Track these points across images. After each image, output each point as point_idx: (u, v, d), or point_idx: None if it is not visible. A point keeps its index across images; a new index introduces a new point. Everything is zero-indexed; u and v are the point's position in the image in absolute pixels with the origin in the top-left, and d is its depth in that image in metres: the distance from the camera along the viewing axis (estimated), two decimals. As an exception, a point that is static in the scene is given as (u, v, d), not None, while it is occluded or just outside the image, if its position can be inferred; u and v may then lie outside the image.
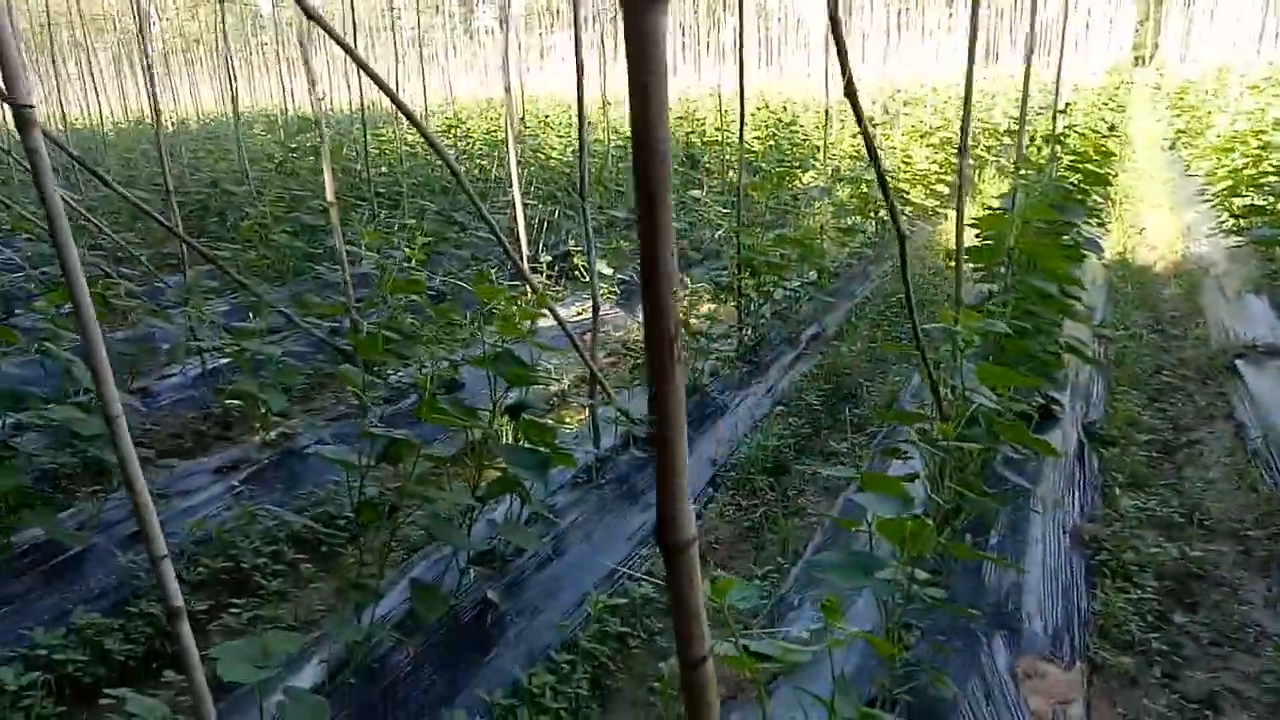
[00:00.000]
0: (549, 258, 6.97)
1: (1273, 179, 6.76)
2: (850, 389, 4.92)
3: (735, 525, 3.69)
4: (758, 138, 10.46)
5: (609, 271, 6.58)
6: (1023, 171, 3.93)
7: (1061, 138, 4.87)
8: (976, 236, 4.07)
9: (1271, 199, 6.46)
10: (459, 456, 3.61)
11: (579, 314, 6.54)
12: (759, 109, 13.07)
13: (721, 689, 2.50)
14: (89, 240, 6.33)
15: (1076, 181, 5.21)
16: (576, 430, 4.44)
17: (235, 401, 4.26)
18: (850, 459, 4.06)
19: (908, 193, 8.62)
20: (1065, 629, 2.67)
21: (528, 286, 5.90)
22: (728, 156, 9.34)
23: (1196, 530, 3.33)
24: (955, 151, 9.44)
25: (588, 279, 6.72)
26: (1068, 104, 4.95)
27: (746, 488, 3.89)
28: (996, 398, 3.04)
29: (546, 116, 13.05)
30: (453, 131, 12.65)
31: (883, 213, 8.10)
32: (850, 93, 1.99)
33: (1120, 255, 7.82)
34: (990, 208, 4.08)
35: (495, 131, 12.77)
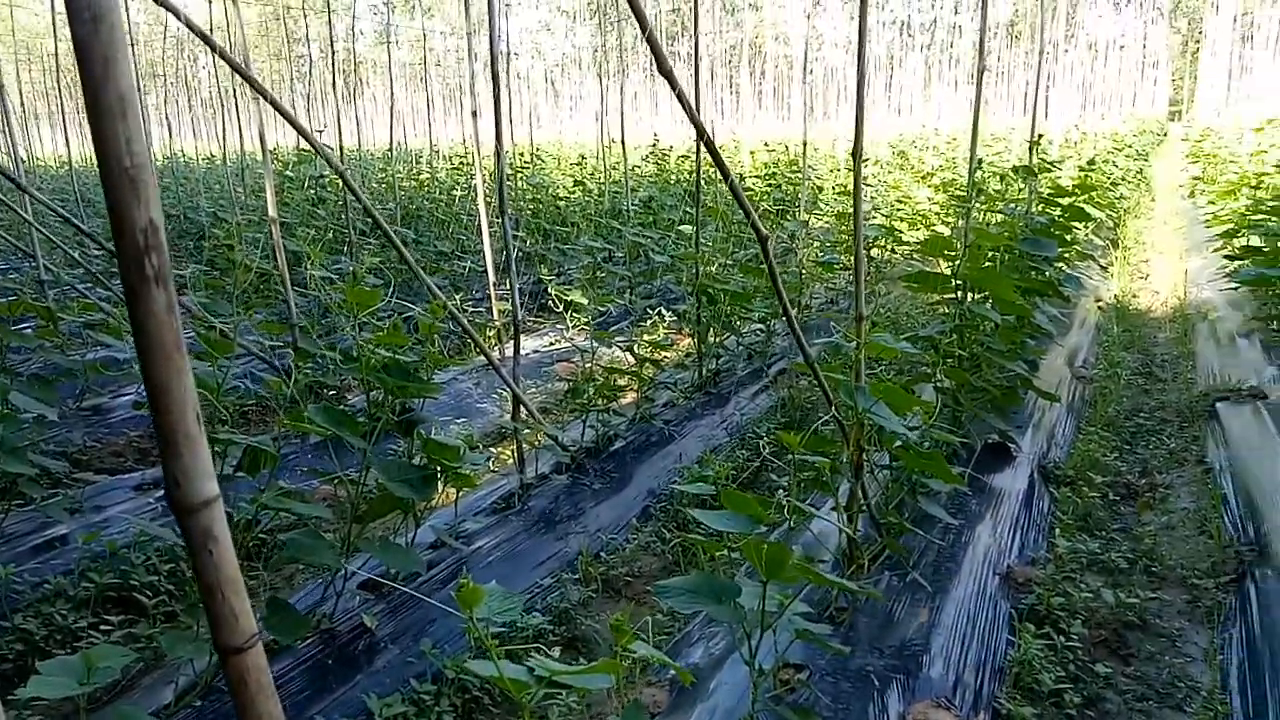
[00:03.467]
0: (519, 285, 6.86)
1: (1271, 220, 6.51)
2: (810, 423, 4.73)
3: (659, 559, 3.52)
4: (759, 177, 10.38)
5: (585, 301, 6.48)
6: (976, 199, 3.77)
7: (1037, 170, 4.70)
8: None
9: (1271, 238, 6.21)
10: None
11: (552, 344, 6.44)
12: (766, 150, 13.02)
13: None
14: (65, 259, 6.35)
15: (1054, 216, 5.04)
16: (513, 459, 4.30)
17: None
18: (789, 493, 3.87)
19: (904, 233, 8.45)
20: (972, 675, 2.46)
21: (494, 314, 5.85)
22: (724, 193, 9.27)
23: (1142, 577, 3.09)
24: (960, 190, 9.28)
25: (562, 309, 6.66)
26: (1040, 135, 4.79)
27: (678, 520, 3.71)
28: (916, 425, 2.87)
29: (537, 149, 13.10)
30: (463, 169, 13.10)
31: (876, 252, 7.95)
32: (705, 140, 2.12)
33: (1120, 299, 7.59)
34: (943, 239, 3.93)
35: (515, 168, 12.99)
